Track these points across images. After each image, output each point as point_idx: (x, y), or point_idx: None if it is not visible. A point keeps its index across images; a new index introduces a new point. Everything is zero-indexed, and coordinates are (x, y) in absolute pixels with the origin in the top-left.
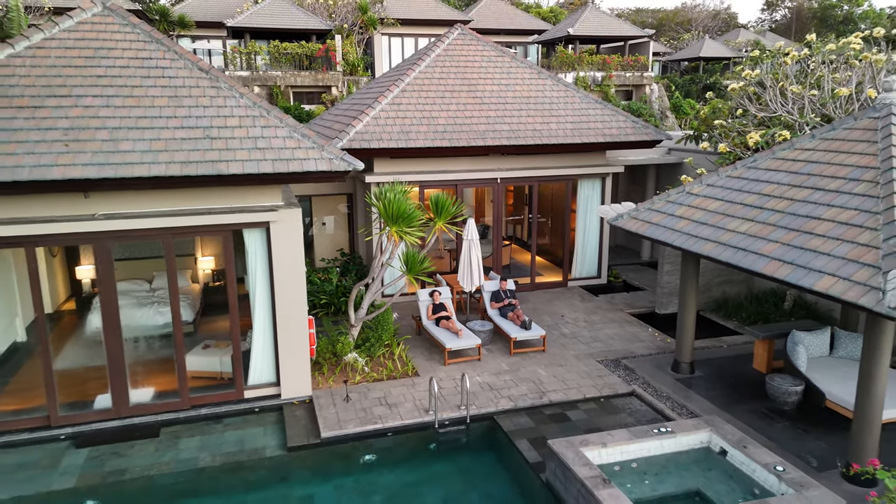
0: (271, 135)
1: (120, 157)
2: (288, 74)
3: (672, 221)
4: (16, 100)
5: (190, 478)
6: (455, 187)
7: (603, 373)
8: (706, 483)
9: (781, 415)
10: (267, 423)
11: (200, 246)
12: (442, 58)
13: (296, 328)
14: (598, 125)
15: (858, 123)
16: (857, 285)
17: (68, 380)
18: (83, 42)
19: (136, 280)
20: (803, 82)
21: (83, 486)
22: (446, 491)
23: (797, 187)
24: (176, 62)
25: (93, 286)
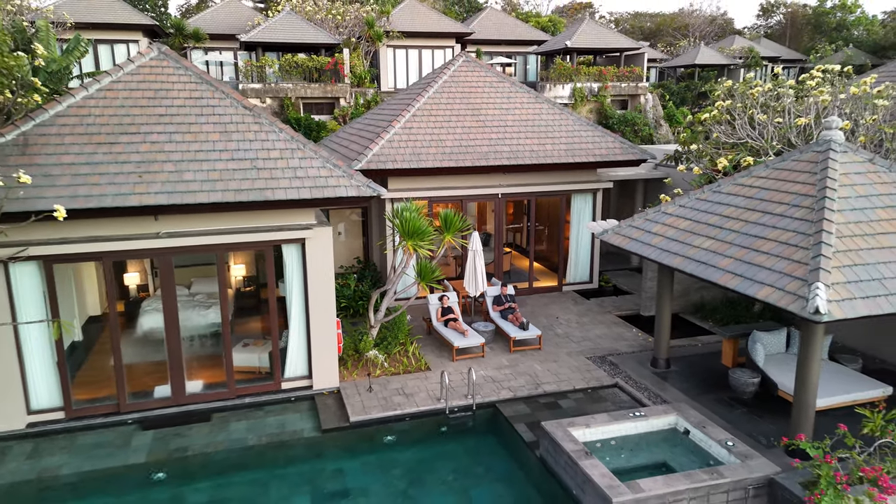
0: (307, 165)
1: (184, 186)
2: (298, 86)
3: (648, 237)
4: (94, 136)
5: (240, 454)
6: (461, 202)
7: (591, 367)
8: (671, 456)
9: (741, 402)
10: (302, 409)
11: (232, 255)
12: (448, 84)
13: (326, 329)
14: (589, 145)
15: (804, 156)
16: (788, 294)
17: (128, 373)
18: (145, 84)
19: (177, 286)
20: (768, 111)
21: (153, 461)
22: (455, 465)
23: (751, 210)
24: (223, 101)
25: (138, 291)
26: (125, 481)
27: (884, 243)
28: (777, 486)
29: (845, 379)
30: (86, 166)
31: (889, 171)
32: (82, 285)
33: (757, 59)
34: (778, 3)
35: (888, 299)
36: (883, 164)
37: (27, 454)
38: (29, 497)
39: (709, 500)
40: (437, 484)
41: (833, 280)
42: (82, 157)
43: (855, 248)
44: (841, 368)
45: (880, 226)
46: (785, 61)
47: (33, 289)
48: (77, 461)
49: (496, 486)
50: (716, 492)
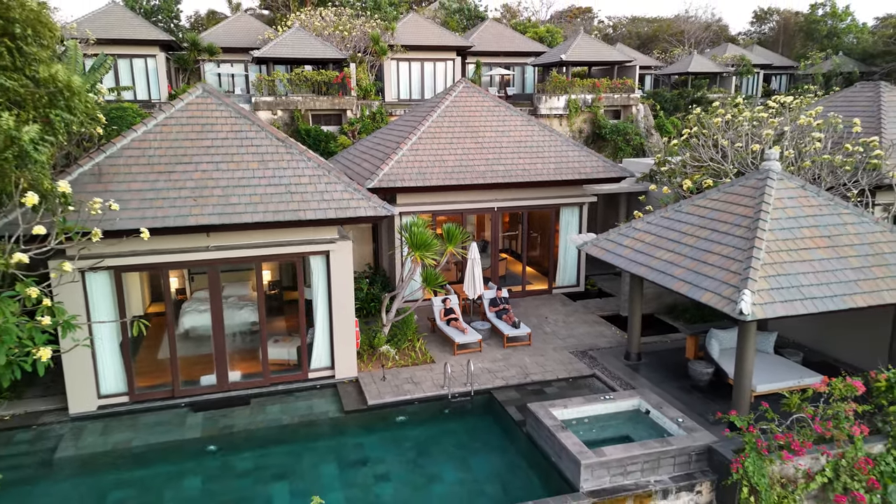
0: (332, 189)
1: (231, 209)
2: (307, 99)
3: (620, 249)
4: (155, 166)
5: (277, 431)
6: (461, 214)
7: (573, 361)
8: (633, 431)
9: (698, 389)
10: (326, 395)
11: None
12: (450, 108)
13: (346, 327)
14: (575, 164)
15: (748, 182)
16: (724, 299)
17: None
18: (193, 119)
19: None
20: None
21: (205, 436)
22: (457, 440)
23: (703, 228)
24: (259, 133)
25: (176, 294)
26: (184, 452)
27: (804, 257)
28: (714, 452)
29: (785, 369)
30: (150, 192)
31: (817, 195)
32: (127, 288)
33: (748, 67)
34: (771, 11)
35: (803, 303)
36: (812, 190)
37: (100, 431)
38: (107, 464)
39: (659, 464)
40: (441, 454)
41: (759, 287)
42: (147, 185)
43: (780, 260)
44: (783, 360)
45: (803, 242)
46: (776, 68)
47: (104, 293)
48: (143, 436)
49: (490, 456)
50: (664, 457)
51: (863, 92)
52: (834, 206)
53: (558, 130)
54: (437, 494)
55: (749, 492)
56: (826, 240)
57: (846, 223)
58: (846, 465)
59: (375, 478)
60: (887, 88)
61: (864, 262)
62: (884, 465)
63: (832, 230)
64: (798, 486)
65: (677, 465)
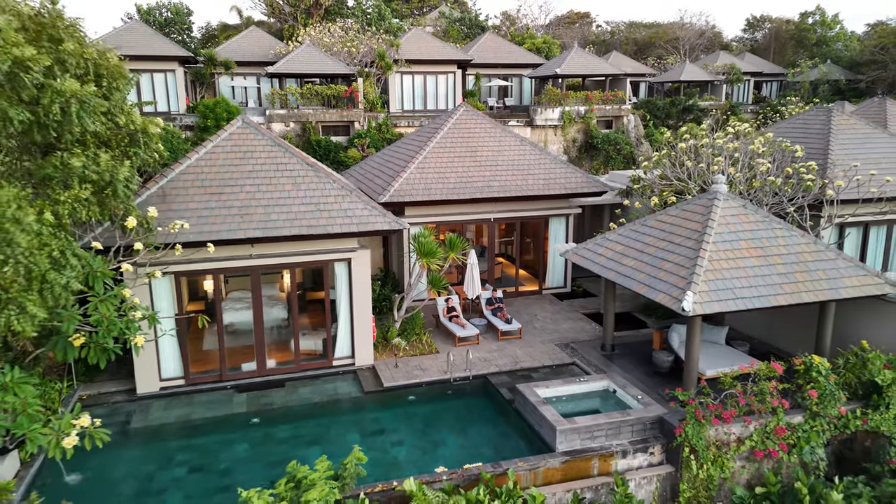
0: (354, 207)
1: (272, 224)
2: (318, 112)
3: (595, 256)
4: (207, 188)
5: (308, 407)
6: (462, 224)
7: (557, 351)
8: (602, 406)
9: (659, 374)
10: (348, 379)
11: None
12: (451, 130)
13: (364, 322)
14: (562, 180)
15: (700, 201)
16: (673, 298)
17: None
18: (236, 147)
19: (245, 290)
20: (694, 157)
21: (250, 411)
22: (457, 414)
23: (661, 240)
24: (291, 159)
25: (213, 294)
26: (233, 424)
27: (740, 264)
28: (663, 421)
29: (732, 357)
30: (205, 210)
31: (755, 213)
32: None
33: (738, 76)
34: (763, 19)
35: (735, 301)
36: (751, 209)
37: (163, 407)
38: (173, 433)
39: (620, 431)
40: (444, 426)
41: (700, 289)
42: (202, 204)
43: (720, 267)
44: (732, 350)
45: (740, 252)
46: (767, 75)
47: (165, 293)
48: (199, 411)
49: (485, 427)
50: (624, 425)
51: (817, 116)
52: (768, 223)
53: (553, 140)
54: (442, 455)
55: (689, 451)
56: (759, 250)
57: (777, 236)
58: (769, 431)
59: (391, 444)
60: (838, 113)
61: (789, 268)
62: (801, 431)
63: (765, 242)
64: (731, 448)
65: (635, 432)
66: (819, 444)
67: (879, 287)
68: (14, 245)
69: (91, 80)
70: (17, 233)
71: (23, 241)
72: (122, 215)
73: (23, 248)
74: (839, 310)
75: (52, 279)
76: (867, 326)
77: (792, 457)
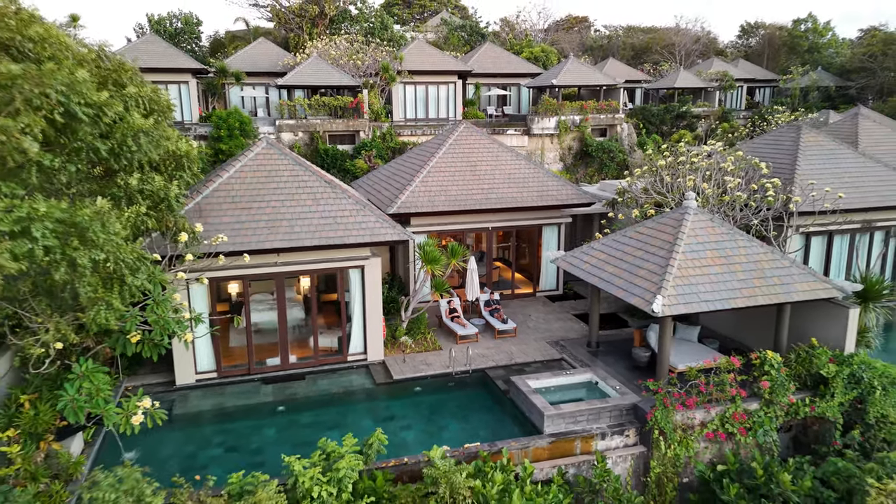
0: (367, 219)
1: (295, 235)
2: (325, 122)
3: (581, 263)
4: (238, 204)
5: (327, 396)
6: (462, 232)
7: (548, 348)
8: (585, 395)
9: (638, 368)
10: (361, 373)
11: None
12: (452, 146)
13: (375, 322)
14: (554, 192)
15: (673, 215)
16: (646, 301)
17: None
18: (262, 166)
19: (265, 293)
20: (672, 173)
21: (276, 400)
22: (458, 403)
23: (638, 249)
24: (311, 177)
25: (237, 297)
26: (261, 411)
27: (705, 272)
28: (637, 407)
29: (700, 353)
30: (237, 224)
31: (721, 226)
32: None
33: (731, 83)
34: (757, 25)
35: (699, 304)
36: (718, 222)
37: (199, 397)
38: (209, 418)
39: (599, 416)
40: (447, 413)
41: (669, 293)
42: (234, 218)
43: (687, 274)
44: (703, 347)
45: (706, 261)
46: (760, 81)
47: (200, 296)
48: (232, 400)
49: (483, 413)
50: (603, 411)
51: (787, 133)
52: (732, 235)
53: (550, 148)
54: (445, 437)
55: (659, 434)
56: (723, 259)
57: (739, 247)
58: (728, 416)
59: (401, 427)
60: (807, 131)
61: (748, 275)
62: (756, 417)
63: (728, 252)
64: (695, 431)
65: (612, 417)
66: (772, 428)
67: (828, 291)
68: (107, 250)
69: (146, 114)
70: (111, 238)
71: (112, 247)
72: (174, 229)
73: (112, 252)
74: (796, 311)
75: (129, 281)
76: (821, 326)
77: (748, 438)
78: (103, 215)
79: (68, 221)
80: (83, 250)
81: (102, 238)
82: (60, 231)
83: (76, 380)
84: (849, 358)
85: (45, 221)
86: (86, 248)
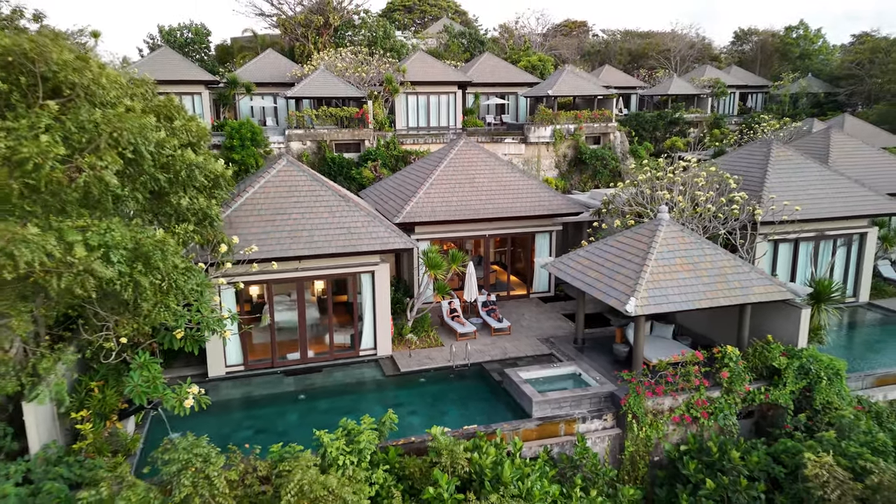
0: (377, 230)
1: (314, 244)
2: (332, 131)
3: (568, 268)
4: (263, 216)
5: (342, 386)
6: (462, 239)
7: (539, 344)
8: (569, 384)
9: (618, 362)
10: (372, 366)
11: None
12: (453, 160)
13: (384, 321)
14: (546, 203)
15: (649, 226)
16: (621, 302)
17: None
18: (283, 182)
19: (283, 294)
20: (652, 186)
21: (297, 390)
22: (458, 392)
23: (617, 256)
24: (327, 192)
25: (258, 297)
26: (285, 399)
27: (674, 277)
28: (614, 395)
29: (672, 348)
30: (263, 234)
31: (690, 236)
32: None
33: (723, 90)
34: (750, 32)
35: (667, 305)
36: (687, 232)
37: (230, 387)
38: (239, 405)
39: (581, 402)
40: (448, 400)
41: (641, 295)
42: (260, 229)
43: (658, 279)
44: (676, 342)
45: (675, 267)
46: (752, 87)
47: (230, 298)
48: (259, 390)
49: (480, 401)
50: (584, 398)
51: (760, 148)
52: (700, 244)
53: (546, 155)
54: (447, 421)
55: (632, 418)
56: (690, 265)
57: (706, 255)
58: (692, 403)
59: (407, 413)
60: (777, 146)
61: (712, 279)
62: (717, 403)
63: (695, 259)
64: (664, 415)
65: (592, 404)
66: (732, 413)
67: (781, 294)
68: (165, 273)
69: (193, 144)
70: (169, 255)
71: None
72: (214, 241)
73: (169, 273)
74: (757, 311)
75: (182, 285)
76: (778, 325)
77: (710, 422)
78: (163, 244)
79: (137, 251)
80: (146, 275)
81: (161, 265)
82: (129, 257)
83: (137, 369)
84: (799, 352)
85: (119, 249)
86: (148, 272)
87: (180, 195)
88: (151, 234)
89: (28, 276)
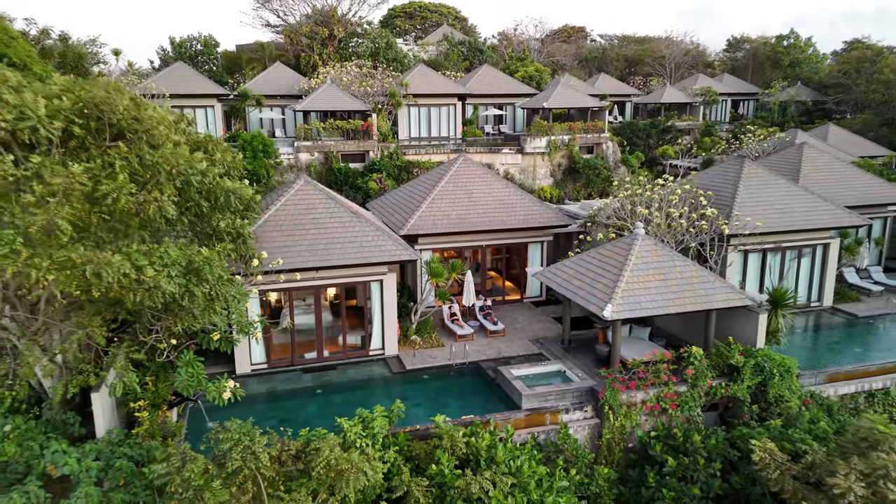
0: (385, 243)
1: (329, 256)
2: (338, 143)
3: (555, 277)
4: (284, 231)
5: (353, 383)
6: (461, 249)
7: (530, 345)
8: (554, 380)
9: (600, 361)
10: (380, 364)
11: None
12: (453, 177)
13: (391, 324)
14: (538, 216)
15: (627, 239)
16: (600, 308)
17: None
18: (302, 201)
19: (298, 300)
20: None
21: (315, 385)
22: (458, 388)
23: (598, 266)
24: (340, 209)
25: (276, 303)
26: (304, 393)
27: (647, 286)
28: (593, 389)
29: (647, 348)
30: (284, 248)
31: (663, 249)
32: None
33: (714, 98)
34: (743, 39)
35: (640, 310)
36: (661, 246)
37: (255, 383)
38: (264, 399)
39: (565, 396)
40: (449, 395)
41: (617, 302)
42: (282, 243)
43: (633, 287)
44: (650, 343)
45: (648, 277)
46: (744, 95)
47: (255, 305)
48: (281, 385)
49: (477, 395)
50: (568, 393)
51: (732, 165)
52: (671, 256)
53: (541, 164)
54: (448, 412)
55: (609, 409)
56: (661, 275)
57: (676, 266)
58: (661, 396)
59: (412, 405)
60: (748, 164)
61: (681, 287)
62: (684, 396)
63: (667, 270)
64: (637, 407)
65: (574, 397)
66: (696, 405)
67: (741, 300)
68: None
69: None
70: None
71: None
72: (246, 256)
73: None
74: (723, 315)
75: (224, 293)
76: (741, 328)
77: (678, 412)
78: (210, 260)
79: (189, 266)
80: (198, 286)
81: (210, 277)
82: (183, 272)
83: (183, 366)
84: (755, 351)
85: (175, 266)
86: (200, 283)
87: (219, 217)
88: (199, 252)
89: (108, 293)
